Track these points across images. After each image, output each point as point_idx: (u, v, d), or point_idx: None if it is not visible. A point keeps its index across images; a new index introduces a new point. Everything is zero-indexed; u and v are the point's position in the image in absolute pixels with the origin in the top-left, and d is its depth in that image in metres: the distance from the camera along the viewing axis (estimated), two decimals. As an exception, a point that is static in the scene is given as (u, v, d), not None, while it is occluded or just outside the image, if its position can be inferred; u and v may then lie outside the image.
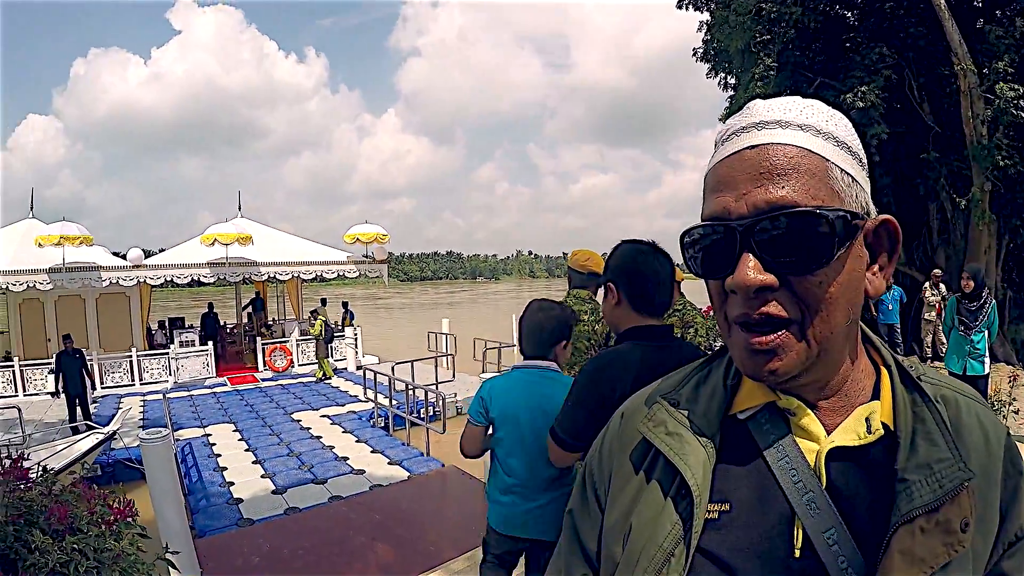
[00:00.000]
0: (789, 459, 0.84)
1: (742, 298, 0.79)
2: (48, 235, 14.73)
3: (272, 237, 19.99)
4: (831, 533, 0.79)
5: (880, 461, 0.82)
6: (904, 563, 0.74)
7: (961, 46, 13.75)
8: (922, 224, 17.09)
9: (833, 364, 0.84)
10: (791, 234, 0.76)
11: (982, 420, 0.87)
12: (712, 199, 0.83)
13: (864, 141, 7.93)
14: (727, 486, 0.87)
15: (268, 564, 5.93)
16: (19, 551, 2.58)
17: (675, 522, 0.85)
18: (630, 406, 1.06)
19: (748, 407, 0.90)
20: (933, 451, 0.79)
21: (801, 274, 0.77)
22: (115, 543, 2.79)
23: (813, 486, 0.81)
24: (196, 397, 15.27)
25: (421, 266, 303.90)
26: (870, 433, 0.83)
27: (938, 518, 0.76)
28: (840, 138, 0.82)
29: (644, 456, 0.95)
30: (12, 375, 15.77)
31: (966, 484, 0.77)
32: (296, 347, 18.90)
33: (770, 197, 0.77)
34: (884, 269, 0.86)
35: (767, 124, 0.81)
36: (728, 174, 0.81)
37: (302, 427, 11.87)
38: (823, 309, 0.78)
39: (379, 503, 7.63)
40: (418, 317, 46.50)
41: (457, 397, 13.82)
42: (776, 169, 0.77)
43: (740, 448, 0.89)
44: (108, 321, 17.81)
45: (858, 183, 0.81)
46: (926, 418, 0.82)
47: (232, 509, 7.67)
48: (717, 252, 0.82)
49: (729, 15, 16.82)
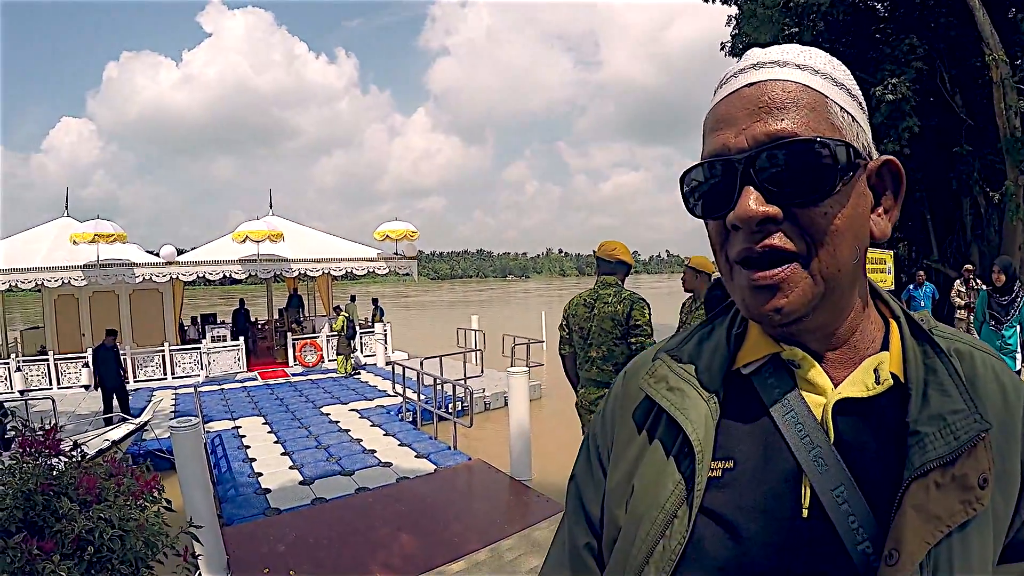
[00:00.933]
0: (795, 413, 0.81)
1: (744, 233, 0.76)
2: (83, 232, 15.01)
3: (302, 234, 20.18)
4: (840, 491, 0.75)
5: (891, 414, 0.79)
6: (919, 520, 0.70)
7: (993, 36, 13.55)
8: (955, 220, 16.89)
9: (840, 308, 0.82)
10: (793, 164, 0.74)
11: (999, 374, 0.83)
12: (711, 138, 0.81)
13: (895, 134, 7.91)
14: (731, 443, 0.84)
15: (293, 552, 5.99)
16: (47, 519, 2.64)
17: (677, 481, 0.83)
18: (633, 365, 1.03)
19: (752, 360, 0.88)
20: (947, 402, 0.76)
21: (805, 205, 0.74)
22: (140, 514, 2.85)
23: (820, 441, 0.78)
24: (227, 391, 15.41)
25: (451, 264, 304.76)
26: (879, 384, 0.80)
27: (954, 472, 0.72)
28: (838, 79, 0.80)
29: (647, 415, 0.93)
30: (47, 368, 16.08)
31: (983, 436, 0.73)
32: (326, 343, 19.02)
33: (770, 129, 0.75)
34: (889, 212, 0.83)
35: (765, 64, 0.80)
36: (727, 111, 0.80)
37: (331, 420, 11.93)
38: (829, 242, 0.75)
39: (405, 495, 7.66)
40: (447, 315, 46.52)
41: (485, 392, 13.85)
42: (775, 103, 0.76)
43: (744, 404, 0.86)
44: (141, 316, 18.09)
45: (858, 123, 0.80)
46: (938, 369, 0.79)
47: (260, 499, 7.74)
48: (718, 189, 0.79)
49: (757, 8, 16.71)
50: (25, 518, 2.65)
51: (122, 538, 2.65)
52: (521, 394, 8.10)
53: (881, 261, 13.49)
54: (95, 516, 2.63)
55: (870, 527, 0.73)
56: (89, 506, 2.72)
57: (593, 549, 0.99)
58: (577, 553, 1.01)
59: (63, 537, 2.57)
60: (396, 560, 5.79)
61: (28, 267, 15.37)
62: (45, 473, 2.86)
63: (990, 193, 15.09)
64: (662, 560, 0.80)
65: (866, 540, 0.73)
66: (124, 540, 2.66)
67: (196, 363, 17.47)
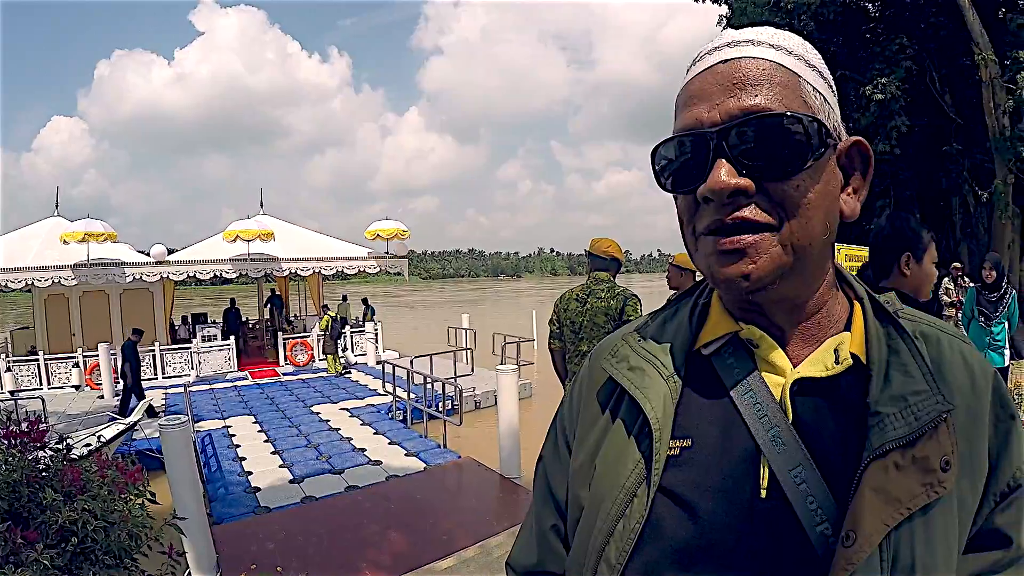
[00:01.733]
0: (753, 393, 0.81)
1: (715, 205, 0.76)
2: (73, 232, 14.96)
3: (293, 233, 20.13)
4: (798, 471, 0.75)
5: (852, 395, 0.78)
6: (877, 501, 0.70)
7: (982, 36, 13.62)
8: (944, 218, 16.94)
9: (808, 282, 0.81)
10: (766, 138, 0.74)
11: (967, 358, 0.83)
12: (684, 113, 0.80)
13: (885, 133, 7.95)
14: (690, 422, 0.84)
15: (283, 550, 5.98)
16: (32, 510, 2.65)
17: (637, 460, 0.83)
18: (599, 347, 1.03)
19: (712, 340, 0.88)
20: (908, 383, 0.76)
21: (777, 179, 0.74)
22: (124, 505, 2.85)
23: (778, 421, 0.78)
24: (217, 390, 15.38)
25: (443, 264, 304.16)
26: (838, 364, 0.80)
27: (914, 454, 0.72)
28: (811, 61, 0.80)
29: (610, 396, 0.93)
30: (37, 368, 16.03)
31: (945, 417, 0.73)
32: (317, 342, 18.99)
33: (743, 104, 0.75)
34: (858, 192, 0.84)
35: (739, 43, 0.79)
36: (700, 87, 0.79)
37: (321, 419, 11.93)
38: (801, 215, 0.75)
39: (395, 493, 7.67)
40: (438, 314, 46.52)
41: (476, 391, 13.89)
42: (749, 79, 0.76)
43: (705, 383, 0.86)
44: (132, 316, 17.99)
45: (829, 104, 0.80)
46: (901, 350, 0.79)
47: (250, 497, 7.74)
48: (690, 163, 0.79)
49: (747, 6, 16.78)
50: (10, 509, 2.65)
51: (106, 529, 2.66)
52: (510, 392, 8.10)
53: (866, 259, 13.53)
54: (79, 507, 2.63)
55: (829, 508, 0.73)
56: (73, 497, 2.73)
57: (559, 531, 1.00)
58: (544, 535, 1.02)
59: (47, 528, 2.58)
60: (386, 558, 5.79)
61: (18, 267, 15.30)
62: (31, 465, 2.86)
63: (979, 192, 15.16)
64: (622, 539, 0.81)
65: (825, 521, 0.73)
66: (108, 531, 2.66)
67: (186, 363, 17.44)
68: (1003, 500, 0.80)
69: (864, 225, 18.45)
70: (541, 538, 1.03)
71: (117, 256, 16.27)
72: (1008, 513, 0.81)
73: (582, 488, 0.91)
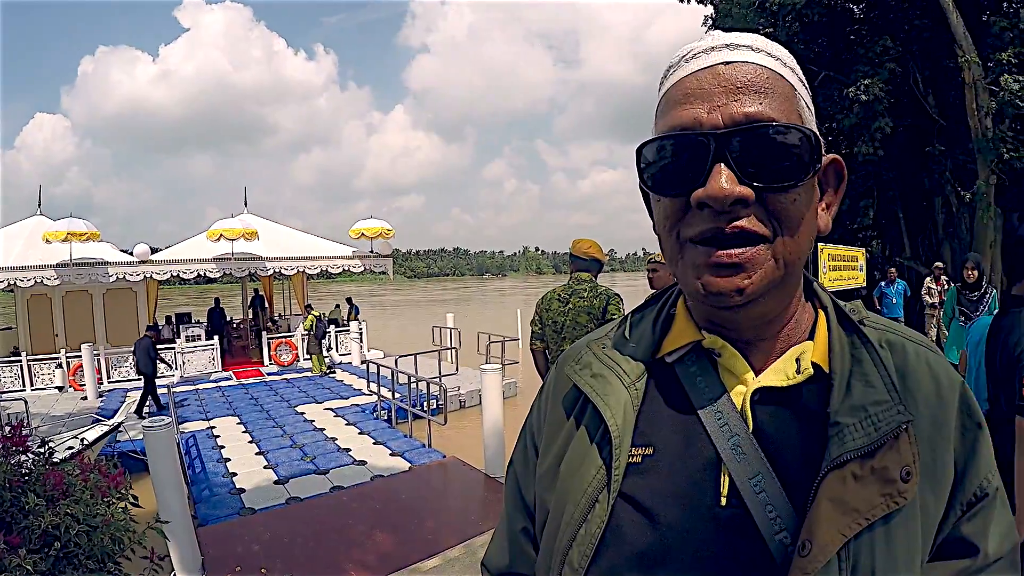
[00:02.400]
0: (714, 401, 0.81)
1: (712, 212, 0.73)
2: (55, 231, 14.78)
3: (277, 232, 20.06)
4: (758, 479, 0.75)
5: (812, 404, 0.78)
6: (835, 512, 0.70)
7: (966, 38, 13.73)
8: (927, 218, 17.06)
9: (787, 295, 0.82)
10: (769, 148, 0.73)
11: (932, 366, 0.82)
12: (679, 110, 0.77)
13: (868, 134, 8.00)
14: (651, 429, 0.84)
15: (268, 551, 5.96)
16: (15, 515, 2.63)
17: (599, 467, 0.83)
18: (565, 353, 1.02)
19: (676, 348, 0.88)
20: (869, 393, 0.76)
21: (779, 191, 0.73)
22: (106, 509, 2.84)
23: (739, 429, 0.79)
24: (201, 391, 15.31)
25: (428, 263, 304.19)
26: (799, 374, 0.80)
27: (873, 464, 0.72)
28: (800, 76, 0.80)
29: (575, 402, 0.93)
30: (20, 370, 15.87)
31: (905, 428, 0.73)
32: (302, 342, 18.89)
33: (748, 111, 0.73)
34: (831, 207, 0.84)
35: (739, 47, 0.78)
36: (699, 86, 0.76)
37: (305, 419, 11.89)
38: (795, 230, 0.75)
39: (379, 493, 7.65)
40: (423, 313, 46.43)
41: (461, 390, 13.90)
42: (753, 86, 0.74)
43: (667, 391, 0.87)
44: (115, 316, 17.93)
45: (814, 120, 0.80)
46: (863, 359, 0.79)
47: (234, 499, 7.71)
48: (684, 165, 0.76)
49: (732, 7, 16.84)
50: (-7, 514, 2.64)
51: (88, 534, 2.65)
52: (495, 392, 8.10)
53: (853, 259, 13.58)
54: (61, 512, 2.62)
55: (788, 517, 0.73)
56: (56, 502, 2.71)
57: (530, 533, 1.01)
58: (515, 538, 1.04)
59: (30, 532, 2.56)
60: (371, 558, 5.78)
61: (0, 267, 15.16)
62: (13, 470, 2.84)
63: (961, 192, 15.27)
64: (584, 544, 0.81)
65: (784, 530, 0.73)
66: (91, 536, 2.65)
67: (170, 363, 17.29)
68: (970, 509, 0.80)
69: (848, 224, 18.60)
70: (512, 540, 1.04)
71: (100, 255, 16.12)
72: (975, 522, 0.80)
73: (547, 492, 0.92)
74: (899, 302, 13.26)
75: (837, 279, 12.71)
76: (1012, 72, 13.35)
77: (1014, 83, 13.10)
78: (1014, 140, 13.63)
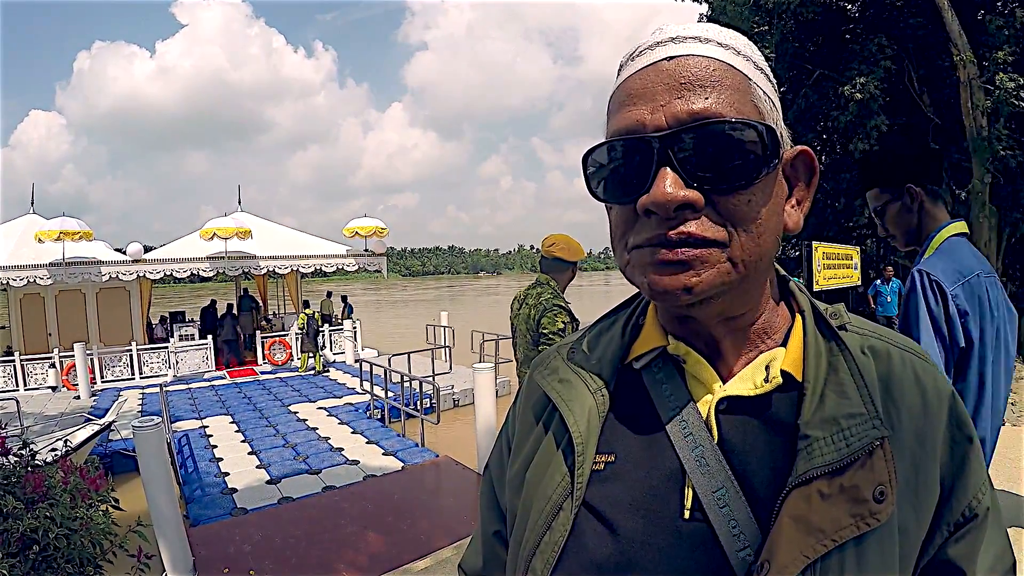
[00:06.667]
0: (679, 410, 0.77)
1: (658, 219, 0.69)
2: (48, 230, 14.75)
3: (271, 231, 20.03)
4: (721, 493, 0.71)
5: (783, 415, 0.74)
6: (797, 532, 0.66)
7: (961, 37, 13.72)
8: (922, 217, 17.07)
9: (749, 297, 0.77)
10: (717, 147, 0.68)
11: (919, 375, 0.76)
12: (622, 113, 0.73)
13: (864, 132, 8.00)
14: (615, 437, 0.81)
15: (260, 552, 5.93)
16: (-6, 519, 2.59)
17: (564, 474, 0.80)
18: (538, 358, 0.99)
19: (643, 353, 0.84)
20: (843, 404, 0.71)
21: (728, 192, 0.69)
22: (85, 512, 2.80)
23: (703, 440, 0.74)
24: (195, 390, 15.30)
25: (423, 261, 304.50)
26: (767, 383, 0.75)
27: (842, 482, 0.67)
28: (759, 64, 0.75)
29: (544, 407, 0.90)
30: (13, 369, 15.82)
31: (879, 444, 0.69)
32: (296, 341, 18.87)
33: (693, 108, 0.68)
34: (802, 203, 0.79)
35: (686, 39, 0.73)
36: (642, 86, 0.72)
37: (298, 419, 11.89)
38: (752, 230, 0.70)
39: (372, 493, 7.63)
40: (417, 311, 46.44)
41: (454, 389, 13.92)
42: (698, 80, 0.69)
43: (634, 398, 0.83)
44: (108, 315, 17.84)
45: (777, 110, 0.75)
46: (839, 368, 0.74)
47: (226, 499, 7.68)
48: (628, 171, 0.72)
49: (727, 5, 16.82)
50: (-28, 518, 2.60)
51: (67, 537, 2.61)
52: (487, 391, 8.07)
53: (848, 257, 13.61)
54: (40, 515, 2.58)
55: (752, 533, 0.69)
56: (35, 505, 2.67)
57: (502, 536, 0.99)
58: (488, 540, 1.03)
59: (9, 536, 2.52)
60: (363, 558, 5.76)
61: (-8, 266, 15.09)
62: (-5, 473, 2.81)
63: (956, 191, 15.29)
64: (547, 551, 0.78)
65: (747, 547, 0.69)
66: (69, 539, 2.61)
67: (164, 362, 17.28)
68: (957, 530, 0.75)
69: (843, 223, 18.61)
70: (486, 543, 1.04)
71: (93, 254, 16.12)
72: (962, 544, 0.76)
73: (515, 498, 0.89)
74: (894, 300, 13.25)
75: (832, 277, 12.72)
76: (1007, 71, 13.37)
77: (1009, 81, 13.12)
78: (1009, 138, 13.64)
